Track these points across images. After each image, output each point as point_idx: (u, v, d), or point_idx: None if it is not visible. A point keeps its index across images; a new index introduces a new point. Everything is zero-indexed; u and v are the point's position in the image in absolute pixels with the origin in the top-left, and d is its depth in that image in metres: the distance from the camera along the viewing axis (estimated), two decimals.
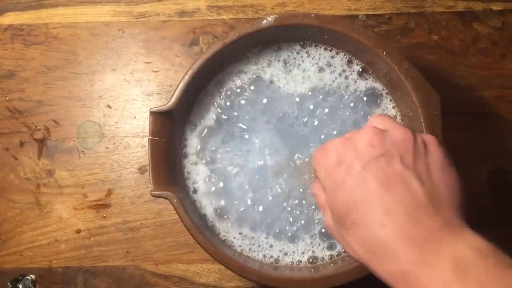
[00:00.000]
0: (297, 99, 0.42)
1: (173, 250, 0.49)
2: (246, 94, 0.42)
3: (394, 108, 0.41)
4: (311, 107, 0.41)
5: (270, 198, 0.41)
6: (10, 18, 0.52)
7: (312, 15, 0.39)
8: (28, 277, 0.48)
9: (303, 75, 0.42)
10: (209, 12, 0.51)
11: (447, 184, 0.30)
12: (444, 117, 0.37)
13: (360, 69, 0.42)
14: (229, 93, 0.42)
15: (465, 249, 0.26)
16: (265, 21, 0.39)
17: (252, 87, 0.42)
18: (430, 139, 0.32)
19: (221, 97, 0.42)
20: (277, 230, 0.41)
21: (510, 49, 0.49)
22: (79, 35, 0.51)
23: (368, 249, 0.29)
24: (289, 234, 0.41)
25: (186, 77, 0.39)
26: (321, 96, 0.42)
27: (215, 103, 0.42)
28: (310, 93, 0.42)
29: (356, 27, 0.39)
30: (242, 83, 0.42)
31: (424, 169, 0.30)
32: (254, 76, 0.42)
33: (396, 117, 0.41)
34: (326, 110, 0.41)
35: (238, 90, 0.42)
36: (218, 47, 0.39)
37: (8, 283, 0.47)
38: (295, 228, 0.41)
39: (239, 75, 0.42)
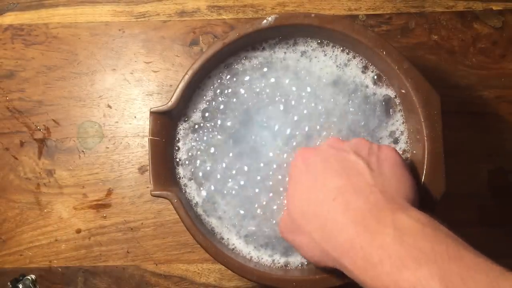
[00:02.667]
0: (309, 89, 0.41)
1: (173, 250, 0.49)
2: (256, 76, 0.41)
3: (403, 121, 0.41)
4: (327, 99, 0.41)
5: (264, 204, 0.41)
6: (10, 18, 0.52)
7: (312, 15, 0.39)
8: (28, 277, 0.48)
9: (323, 64, 0.41)
10: (209, 12, 0.51)
11: (396, 177, 0.33)
12: (444, 117, 0.37)
13: (376, 76, 0.41)
14: (227, 79, 0.42)
15: (405, 219, 0.28)
16: (265, 21, 0.39)
17: (264, 69, 0.42)
18: (387, 146, 0.35)
19: (224, 85, 0.42)
20: (273, 240, 0.41)
21: (510, 49, 0.49)
22: (79, 35, 0.51)
23: (323, 228, 0.32)
24: (283, 249, 0.41)
25: (186, 77, 0.39)
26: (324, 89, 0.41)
27: (216, 88, 0.42)
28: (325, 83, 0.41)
29: (356, 27, 0.39)
30: (252, 67, 0.42)
31: (375, 161, 0.33)
32: (266, 61, 0.42)
33: (403, 132, 0.41)
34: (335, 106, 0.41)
35: (247, 74, 0.42)
36: (218, 47, 0.39)
37: (8, 283, 0.47)
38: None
39: (250, 59, 0.42)
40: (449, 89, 0.49)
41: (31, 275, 0.48)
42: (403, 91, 0.39)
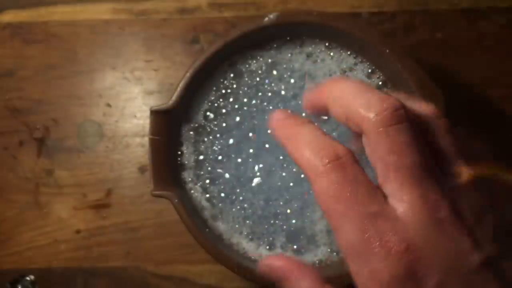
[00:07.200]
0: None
1: (174, 250, 0.48)
2: (260, 74, 0.41)
3: None
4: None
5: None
6: (9, 16, 0.51)
7: (315, 13, 0.39)
8: (28, 278, 0.48)
9: (329, 68, 0.41)
10: (210, 10, 0.50)
11: None
12: (449, 117, 0.37)
13: (381, 82, 0.41)
14: (231, 78, 0.41)
15: None
16: (266, 18, 0.39)
17: (267, 71, 0.41)
18: None
19: (228, 81, 0.41)
20: (283, 239, 0.40)
21: None
22: (79, 33, 0.51)
23: None
24: (295, 247, 0.40)
25: (187, 76, 0.39)
26: None
27: (219, 88, 0.41)
28: None
29: (359, 24, 0.38)
30: (257, 67, 0.41)
31: None
32: (270, 60, 0.41)
33: None
34: None
35: (252, 73, 0.41)
36: (220, 45, 0.39)
37: (7, 284, 0.47)
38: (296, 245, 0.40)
39: (256, 58, 0.41)
40: (454, 88, 0.48)
41: (30, 276, 0.48)
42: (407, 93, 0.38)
